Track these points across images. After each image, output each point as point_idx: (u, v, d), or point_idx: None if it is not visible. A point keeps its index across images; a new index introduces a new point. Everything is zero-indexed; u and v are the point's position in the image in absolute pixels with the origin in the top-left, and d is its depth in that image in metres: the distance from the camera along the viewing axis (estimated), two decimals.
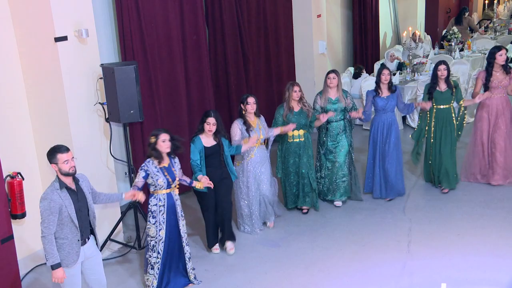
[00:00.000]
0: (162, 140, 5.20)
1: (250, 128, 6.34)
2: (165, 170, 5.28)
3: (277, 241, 6.46)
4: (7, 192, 5.49)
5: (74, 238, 4.48)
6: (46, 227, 4.37)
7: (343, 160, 7.04)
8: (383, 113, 7.04)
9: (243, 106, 6.37)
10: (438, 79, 7.08)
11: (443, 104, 7.13)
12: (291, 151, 6.81)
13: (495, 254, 5.80)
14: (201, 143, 5.88)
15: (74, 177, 4.52)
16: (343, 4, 12.54)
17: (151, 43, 6.93)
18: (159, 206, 5.31)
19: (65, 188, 4.43)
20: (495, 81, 7.14)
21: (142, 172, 5.24)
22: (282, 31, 9.80)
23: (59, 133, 5.93)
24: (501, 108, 7.24)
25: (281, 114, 6.73)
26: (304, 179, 6.85)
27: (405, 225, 6.62)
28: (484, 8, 18.21)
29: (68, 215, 4.40)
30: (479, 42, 13.22)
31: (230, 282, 5.71)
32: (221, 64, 8.45)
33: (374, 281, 5.52)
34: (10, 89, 5.85)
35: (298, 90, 6.68)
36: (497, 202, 7.04)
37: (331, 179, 7.11)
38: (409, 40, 11.07)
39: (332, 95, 6.91)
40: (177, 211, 5.43)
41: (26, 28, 5.79)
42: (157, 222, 5.32)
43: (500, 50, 7.13)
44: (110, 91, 5.87)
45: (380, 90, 7.02)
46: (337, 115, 6.94)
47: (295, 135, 6.75)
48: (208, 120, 5.86)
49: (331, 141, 7.00)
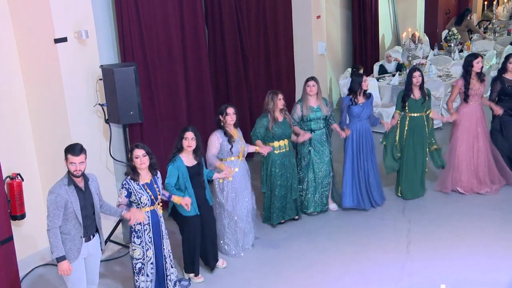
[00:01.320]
0: (135, 156, 4.92)
1: (232, 139, 5.91)
2: (147, 187, 4.98)
3: (276, 242, 6.46)
4: (6, 193, 5.48)
5: (77, 235, 4.54)
6: (51, 220, 4.45)
7: (327, 170, 6.87)
8: (358, 120, 6.82)
9: (222, 117, 5.91)
10: (412, 86, 7.00)
11: (417, 112, 7.04)
12: (277, 163, 6.48)
13: (494, 255, 5.81)
14: (182, 162, 5.38)
15: (85, 176, 4.60)
16: (343, 5, 12.54)
17: (151, 44, 6.93)
18: (144, 225, 4.99)
19: (73, 185, 4.51)
20: (473, 88, 7.10)
21: (124, 190, 4.93)
22: (281, 32, 9.80)
23: (59, 134, 5.94)
24: (480, 116, 7.19)
25: (264, 126, 6.36)
26: (292, 190, 6.62)
27: (404, 226, 6.62)
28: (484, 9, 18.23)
29: (73, 211, 4.47)
30: (478, 43, 13.24)
31: (229, 283, 5.71)
32: (221, 65, 8.45)
33: (373, 282, 5.53)
34: (10, 90, 5.85)
35: (282, 98, 6.38)
36: (496, 203, 7.04)
37: (315, 191, 6.88)
38: (409, 41, 11.08)
39: (313, 103, 6.68)
40: (161, 230, 5.13)
41: (26, 29, 5.80)
42: (143, 242, 5.00)
43: (476, 58, 7.10)
44: (110, 92, 5.88)
45: (356, 97, 6.83)
46: (319, 123, 6.74)
47: (281, 146, 6.46)
48: (186, 135, 5.35)
49: (315, 151, 6.78)
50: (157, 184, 5.06)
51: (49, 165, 6.02)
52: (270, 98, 6.36)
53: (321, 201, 6.96)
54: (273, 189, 6.56)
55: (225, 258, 6.05)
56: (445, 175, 7.37)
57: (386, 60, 11.45)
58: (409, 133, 7.08)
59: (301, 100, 6.75)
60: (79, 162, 4.47)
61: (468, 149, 7.20)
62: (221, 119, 5.92)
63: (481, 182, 7.26)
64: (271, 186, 6.56)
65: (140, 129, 6.84)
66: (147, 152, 4.94)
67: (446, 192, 7.33)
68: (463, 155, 7.22)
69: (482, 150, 7.20)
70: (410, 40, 11.21)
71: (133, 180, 4.94)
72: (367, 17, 12.79)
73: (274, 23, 9.59)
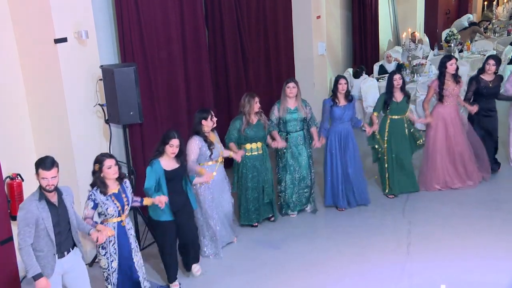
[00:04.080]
0: (107, 166, 4.71)
1: (212, 146, 5.85)
2: (114, 197, 4.78)
3: (276, 243, 6.46)
4: (6, 194, 5.49)
5: (50, 252, 4.31)
6: (22, 238, 4.20)
7: (305, 172, 6.80)
8: (340, 123, 6.80)
9: (205, 122, 5.82)
10: (394, 89, 7.01)
11: (398, 115, 7.08)
12: (249, 166, 6.42)
13: (494, 256, 5.80)
14: (160, 167, 5.24)
15: (58, 189, 4.35)
16: (343, 5, 12.55)
17: (151, 45, 6.92)
18: (109, 236, 4.79)
19: (44, 200, 4.25)
20: (448, 89, 7.15)
21: (91, 202, 4.72)
22: (281, 32, 9.80)
23: (59, 134, 5.94)
24: (454, 117, 7.25)
25: (237, 128, 6.30)
26: (264, 194, 6.56)
27: (404, 227, 6.61)
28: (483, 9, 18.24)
29: (44, 228, 4.23)
30: (478, 44, 13.24)
31: (229, 284, 5.71)
32: (221, 65, 8.44)
33: (373, 283, 5.52)
34: (10, 91, 5.84)
35: (259, 101, 6.32)
36: (497, 204, 7.04)
37: (292, 192, 6.84)
38: (408, 41, 11.08)
39: (291, 104, 6.61)
40: (130, 242, 4.94)
41: (26, 29, 5.79)
42: (108, 253, 4.83)
43: (450, 60, 7.16)
44: (110, 93, 5.87)
45: (337, 99, 6.80)
46: (297, 125, 6.66)
47: (253, 148, 6.39)
48: (171, 142, 5.22)
49: (291, 153, 6.72)
50: (125, 193, 4.87)
51: None
52: (247, 101, 6.28)
53: (299, 201, 6.95)
54: (245, 190, 6.51)
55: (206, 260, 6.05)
56: (424, 175, 7.47)
57: (386, 60, 11.46)
58: (390, 135, 7.11)
59: (279, 102, 6.69)
60: (51, 177, 4.21)
61: (442, 148, 7.28)
62: (203, 124, 5.80)
63: (456, 176, 7.35)
64: (241, 187, 6.52)
65: (140, 129, 6.84)
66: (116, 161, 4.79)
67: (432, 190, 7.41)
68: (437, 154, 7.30)
69: (458, 148, 7.26)
70: (410, 40, 11.21)
71: (103, 193, 4.73)
72: (367, 17, 12.80)
73: (274, 23, 9.60)
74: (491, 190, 7.44)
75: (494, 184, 7.63)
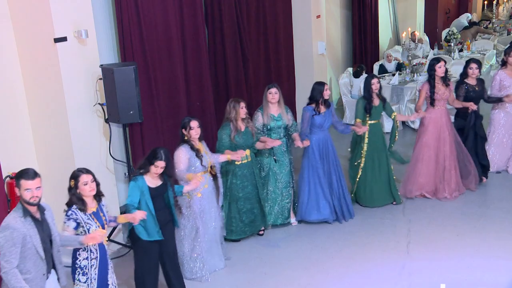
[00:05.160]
0: (83, 183, 4.35)
1: (199, 154, 5.54)
2: (94, 216, 4.43)
3: (276, 242, 6.46)
4: (6, 193, 5.49)
5: (39, 273, 3.99)
6: (7, 261, 3.81)
7: (287, 180, 6.60)
8: (321, 131, 6.56)
9: (185, 132, 5.51)
10: (372, 93, 6.89)
11: (375, 119, 6.95)
12: (238, 174, 6.17)
13: (494, 255, 5.81)
14: (145, 183, 4.92)
15: (40, 206, 4.05)
16: (343, 5, 12.55)
17: (151, 44, 6.93)
18: (91, 260, 4.44)
19: (29, 216, 3.94)
20: (439, 93, 7.04)
21: (72, 222, 4.33)
22: (281, 32, 9.80)
23: (59, 134, 5.94)
24: (445, 121, 7.13)
25: (228, 135, 6.03)
26: (257, 202, 6.33)
27: (404, 226, 6.62)
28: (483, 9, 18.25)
29: (32, 246, 3.91)
30: (478, 43, 13.25)
31: (229, 283, 5.71)
32: (221, 65, 8.45)
33: (373, 282, 5.53)
34: (9, 90, 5.84)
35: (245, 107, 6.06)
36: (496, 203, 7.04)
37: (275, 202, 6.61)
38: (408, 41, 11.08)
39: (274, 111, 6.39)
40: (108, 264, 4.61)
41: (25, 29, 5.79)
42: (89, 280, 4.44)
43: (439, 62, 7.03)
44: (110, 92, 5.88)
45: (318, 107, 6.52)
46: (280, 133, 6.45)
47: (242, 156, 6.03)
48: (157, 163, 4.88)
49: (273, 161, 6.51)
50: (103, 212, 4.54)
51: (49, 164, 6.02)
52: (232, 107, 6.03)
53: (282, 214, 6.69)
54: (234, 201, 6.23)
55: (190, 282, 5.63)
56: (407, 180, 7.30)
57: (386, 59, 11.47)
58: (369, 140, 6.96)
59: (261, 108, 6.46)
60: (35, 187, 3.92)
61: (433, 155, 7.14)
62: (184, 133, 5.54)
63: (444, 186, 7.17)
64: (231, 198, 6.23)
65: (140, 128, 6.85)
66: (94, 177, 4.44)
67: (410, 197, 7.25)
68: (427, 160, 7.16)
69: (448, 155, 7.12)
70: (409, 40, 11.21)
71: (82, 210, 4.36)
72: (367, 16, 12.80)
73: (274, 23, 9.60)
74: (491, 189, 7.44)
75: (494, 183, 7.64)
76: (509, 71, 7.60)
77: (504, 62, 7.67)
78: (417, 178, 7.23)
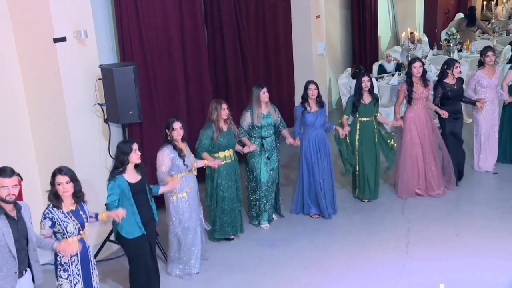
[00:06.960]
0: (57, 183, 4.33)
1: (182, 154, 5.56)
2: (72, 214, 4.41)
3: (276, 242, 6.46)
4: None
5: (11, 271, 3.96)
6: None
7: (275, 177, 6.74)
8: (313, 129, 6.71)
9: (168, 132, 5.55)
10: (362, 91, 6.96)
11: (366, 117, 7.02)
12: (223, 175, 6.17)
13: (494, 254, 5.81)
14: (124, 180, 4.91)
15: (17, 204, 4.06)
16: (342, 5, 12.55)
17: (150, 44, 6.93)
18: (71, 256, 4.42)
19: (3, 214, 3.93)
20: (417, 92, 7.10)
21: (48, 221, 4.34)
22: (281, 32, 9.80)
23: (58, 134, 5.94)
24: (426, 119, 7.20)
25: (210, 136, 6.05)
26: (240, 202, 6.38)
27: (404, 226, 6.62)
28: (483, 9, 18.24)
29: (5, 244, 3.89)
30: (477, 43, 13.23)
31: (229, 283, 5.71)
32: (220, 64, 8.45)
33: (373, 282, 5.53)
34: (9, 90, 5.84)
35: (226, 107, 6.09)
36: (496, 202, 7.05)
37: (267, 199, 6.69)
38: (407, 41, 11.08)
39: (264, 109, 6.51)
40: (90, 260, 4.60)
41: (25, 29, 5.79)
42: (71, 276, 4.44)
43: (415, 62, 7.11)
44: (109, 92, 5.87)
45: (308, 105, 6.69)
46: (270, 130, 6.58)
47: (226, 156, 6.15)
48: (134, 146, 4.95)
49: (266, 159, 6.60)
50: (83, 210, 4.51)
51: (49, 164, 5.99)
52: (214, 108, 6.07)
53: (270, 209, 6.83)
54: (220, 201, 6.25)
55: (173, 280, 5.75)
56: (399, 181, 7.36)
57: (385, 60, 11.46)
58: (360, 137, 7.05)
59: (250, 108, 6.53)
60: (12, 185, 3.93)
61: (419, 152, 7.21)
62: (167, 133, 5.57)
63: (431, 184, 7.26)
64: (216, 198, 6.25)
65: (139, 128, 6.85)
66: (71, 179, 4.36)
67: (403, 198, 7.30)
68: (414, 158, 7.23)
69: (428, 153, 7.20)
70: (409, 40, 11.21)
71: (56, 207, 4.36)
72: (367, 17, 12.81)
73: (273, 23, 9.60)
74: (490, 189, 7.45)
75: (494, 183, 7.64)
76: (486, 71, 7.66)
77: (482, 63, 7.70)
78: (406, 179, 7.30)
